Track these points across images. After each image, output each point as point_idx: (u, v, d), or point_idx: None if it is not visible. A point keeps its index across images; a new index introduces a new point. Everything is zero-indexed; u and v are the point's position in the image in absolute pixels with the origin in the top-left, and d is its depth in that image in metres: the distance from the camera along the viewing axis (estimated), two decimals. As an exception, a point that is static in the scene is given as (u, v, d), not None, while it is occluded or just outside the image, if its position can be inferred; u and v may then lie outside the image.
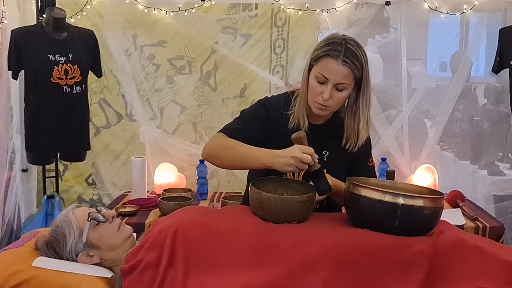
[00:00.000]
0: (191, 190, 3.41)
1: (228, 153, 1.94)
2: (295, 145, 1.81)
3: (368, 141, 2.10)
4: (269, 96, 2.14)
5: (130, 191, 3.55)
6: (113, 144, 3.86)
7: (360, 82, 1.91)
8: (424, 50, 4.74)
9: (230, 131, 2.00)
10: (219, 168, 3.65)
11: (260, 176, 1.94)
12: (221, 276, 1.65)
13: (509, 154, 3.84)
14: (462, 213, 3.08)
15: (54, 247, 1.84)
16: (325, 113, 1.96)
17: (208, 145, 2.01)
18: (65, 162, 3.78)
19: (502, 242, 2.85)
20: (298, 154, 1.77)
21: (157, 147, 3.78)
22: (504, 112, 3.76)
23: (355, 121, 1.98)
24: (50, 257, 1.83)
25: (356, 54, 1.86)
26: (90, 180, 3.90)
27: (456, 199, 3.22)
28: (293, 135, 1.83)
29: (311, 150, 1.79)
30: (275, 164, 1.81)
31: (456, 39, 4.18)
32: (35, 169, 3.72)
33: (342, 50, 1.85)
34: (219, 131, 2.02)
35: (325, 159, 2.02)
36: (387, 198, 1.71)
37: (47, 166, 3.66)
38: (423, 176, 3.50)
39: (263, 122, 2.01)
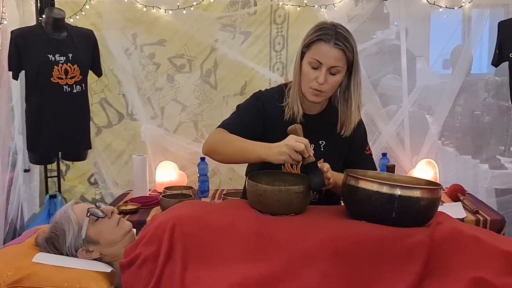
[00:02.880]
0: (192, 188, 3.42)
1: (227, 147, 1.95)
2: (289, 135, 1.83)
3: (363, 129, 2.12)
4: (263, 90, 2.15)
5: (131, 190, 3.56)
6: (114, 143, 3.87)
7: (351, 66, 1.93)
8: (426, 46, 4.72)
9: (229, 126, 2.02)
10: (221, 165, 3.79)
11: (258, 170, 1.95)
12: (219, 269, 1.66)
13: (510, 148, 3.83)
14: (463, 206, 3.08)
15: (54, 243, 1.85)
16: (320, 99, 1.97)
17: (208, 140, 2.02)
18: (67, 162, 3.80)
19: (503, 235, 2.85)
20: (291, 142, 1.78)
21: (158, 145, 3.78)
22: (504, 106, 3.74)
23: (348, 106, 1.99)
24: (50, 253, 1.84)
25: (347, 37, 1.90)
26: (92, 180, 3.91)
27: (457, 193, 3.21)
28: (289, 128, 1.85)
29: (305, 141, 1.80)
30: (269, 155, 1.82)
31: (458, 35, 4.17)
32: (37, 169, 3.74)
33: (333, 34, 1.88)
34: (218, 127, 2.04)
35: (322, 149, 2.04)
36: (385, 189, 1.71)
37: (49, 166, 3.67)
38: (424, 171, 3.49)
39: (259, 115, 2.03)
